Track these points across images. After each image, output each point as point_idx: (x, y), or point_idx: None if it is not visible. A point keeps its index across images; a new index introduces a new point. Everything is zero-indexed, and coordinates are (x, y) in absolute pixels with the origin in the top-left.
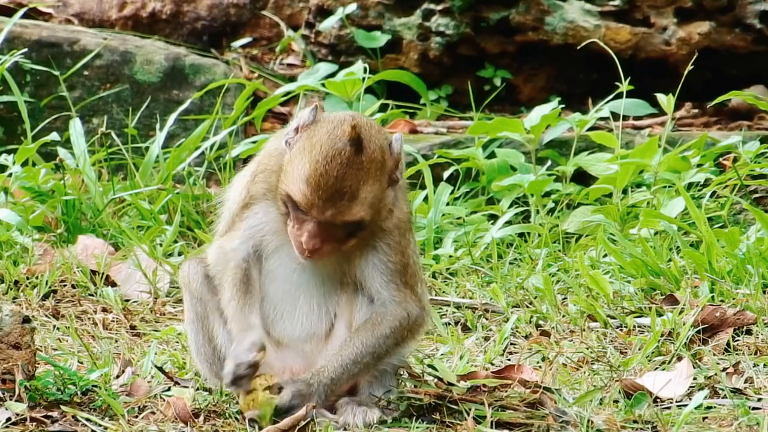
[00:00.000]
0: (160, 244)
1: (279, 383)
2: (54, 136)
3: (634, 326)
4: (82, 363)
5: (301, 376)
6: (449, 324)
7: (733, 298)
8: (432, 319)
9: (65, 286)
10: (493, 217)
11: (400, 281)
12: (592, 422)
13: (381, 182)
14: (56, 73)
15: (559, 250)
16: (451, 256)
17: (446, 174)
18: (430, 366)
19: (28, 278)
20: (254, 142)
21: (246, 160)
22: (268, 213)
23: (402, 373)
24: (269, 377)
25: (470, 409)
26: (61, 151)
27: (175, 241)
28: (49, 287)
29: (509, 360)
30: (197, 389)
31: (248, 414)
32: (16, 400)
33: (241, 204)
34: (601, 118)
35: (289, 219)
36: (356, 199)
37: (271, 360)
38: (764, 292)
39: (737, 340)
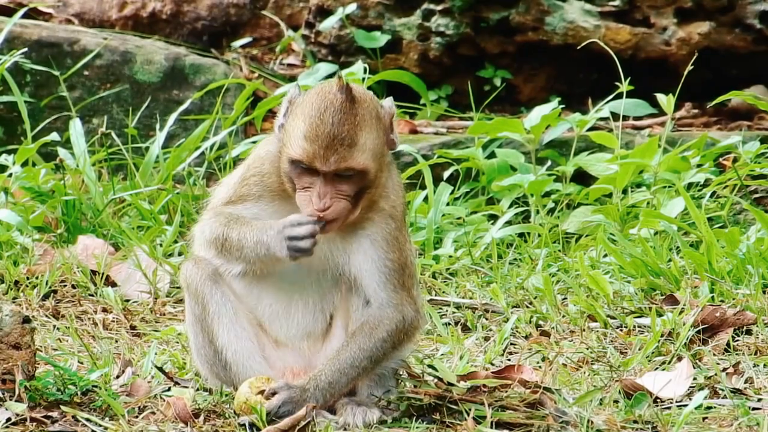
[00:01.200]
0: (160, 244)
1: (273, 388)
2: (54, 136)
3: (634, 326)
4: (82, 363)
5: (297, 381)
6: (449, 324)
7: (733, 298)
8: (427, 321)
9: (65, 286)
10: (493, 217)
11: (398, 282)
12: (592, 422)
13: (378, 132)
14: (56, 73)
15: (559, 250)
16: (451, 256)
17: (446, 174)
18: (430, 366)
19: (28, 278)
20: (254, 142)
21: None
22: (263, 210)
23: (402, 373)
24: (265, 380)
25: (470, 409)
26: (61, 151)
27: (175, 241)
28: (49, 287)
29: (509, 360)
30: (197, 389)
31: (240, 420)
32: (16, 400)
33: (226, 199)
34: (601, 118)
35: (296, 195)
36: (356, 144)
37: (271, 359)
38: (764, 292)
39: (737, 340)
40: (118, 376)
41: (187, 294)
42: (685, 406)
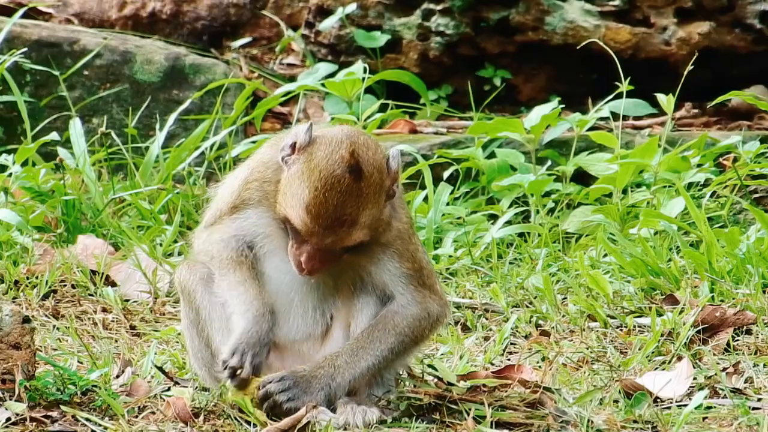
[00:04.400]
0: (160, 244)
1: (275, 375)
2: (54, 136)
3: (634, 326)
4: (82, 363)
5: (304, 368)
6: (449, 324)
7: (733, 298)
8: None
9: (65, 286)
10: (493, 217)
11: (418, 283)
12: (592, 422)
13: (379, 203)
14: (56, 73)
15: (559, 250)
16: (451, 256)
17: (446, 174)
18: (430, 366)
19: (28, 278)
20: (254, 142)
21: (246, 161)
22: (261, 217)
23: (402, 373)
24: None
25: (470, 409)
26: (61, 151)
27: (175, 241)
28: (49, 287)
29: (509, 360)
30: (197, 389)
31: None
32: (16, 400)
33: (231, 205)
34: (601, 118)
35: (288, 233)
36: (356, 225)
37: (272, 360)
38: (764, 292)
39: (737, 340)
40: (117, 376)
41: (182, 298)
42: (685, 406)
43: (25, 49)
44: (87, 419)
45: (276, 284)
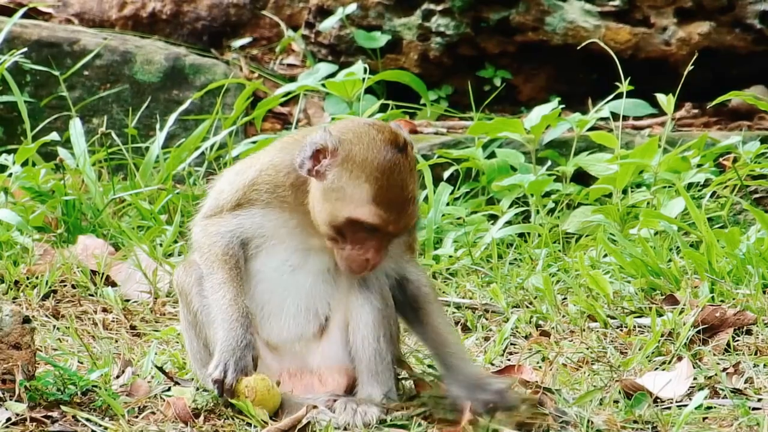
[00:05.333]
0: (160, 244)
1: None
2: (54, 136)
3: (634, 326)
4: (82, 363)
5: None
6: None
7: (733, 298)
8: None
9: (65, 286)
10: (493, 217)
11: (413, 253)
12: (592, 422)
13: (419, 197)
14: (56, 73)
15: (559, 250)
16: (451, 256)
17: (446, 174)
18: (430, 366)
19: (28, 278)
20: (254, 142)
21: None
22: (268, 218)
23: (402, 373)
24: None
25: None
26: (61, 151)
27: (175, 241)
28: (49, 287)
29: (509, 360)
30: (197, 389)
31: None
32: (16, 400)
33: (234, 202)
34: (601, 118)
35: (337, 244)
36: (416, 202)
37: (266, 360)
38: (764, 292)
39: (737, 340)
40: (118, 376)
41: (180, 299)
42: (685, 406)
43: (25, 49)
44: (87, 419)
45: (269, 282)
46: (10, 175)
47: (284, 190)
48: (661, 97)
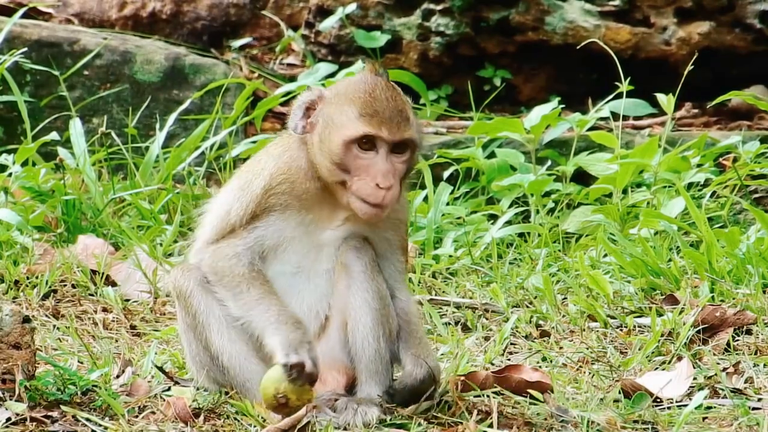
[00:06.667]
0: (160, 244)
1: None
2: (54, 136)
3: (634, 326)
4: (82, 363)
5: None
6: (449, 324)
7: (733, 298)
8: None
9: (65, 286)
10: (493, 217)
11: (405, 280)
12: (592, 422)
13: (416, 120)
14: (56, 73)
15: (559, 250)
16: (451, 256)
17: (446, 174)
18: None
19: (28, 278)
20: (254, 142)
21: (246, 160)
22: (287, 222)
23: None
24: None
25: (470, 409)
26: (61, 151)
27: (175, 241)
28: (49, 287)
29: (509, 360)
30: (197, 389)
31: (272, 415)
32: (16, 400)
33: (249, 215)
34: (601, 118)
35: (345, 186)
36: (409, 118)
37: (267, 360)
38: (764, 292)
39: (737, 340)
40: (118, 376)
41: (178, 303)
42: (685, 406)
43: (25, 49)
44: (87, 419)
45: (279, 286)
46: (10, 174)
47: (303, 184)
48: (661, 97)
